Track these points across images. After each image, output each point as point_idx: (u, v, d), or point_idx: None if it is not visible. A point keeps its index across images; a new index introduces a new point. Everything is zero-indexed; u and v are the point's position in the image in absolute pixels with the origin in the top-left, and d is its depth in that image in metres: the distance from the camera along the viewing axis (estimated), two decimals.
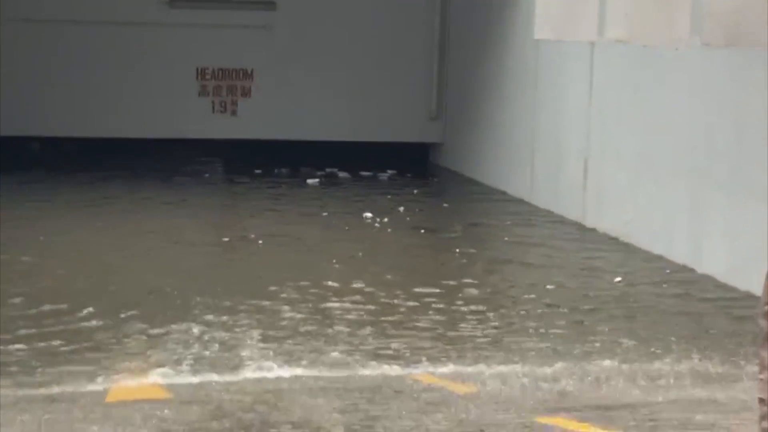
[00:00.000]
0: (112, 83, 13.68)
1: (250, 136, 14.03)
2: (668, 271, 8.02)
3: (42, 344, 5.79)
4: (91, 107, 13.65)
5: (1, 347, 5.68)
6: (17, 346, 5.72)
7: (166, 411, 4.66)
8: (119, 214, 10.08)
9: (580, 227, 9.88)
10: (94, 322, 6.22)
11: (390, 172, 13.02)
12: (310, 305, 6.77)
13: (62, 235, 9.04)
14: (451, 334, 6.21)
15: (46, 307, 6.58)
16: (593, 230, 9.63)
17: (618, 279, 7.77)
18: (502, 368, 5.50)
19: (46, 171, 12.38)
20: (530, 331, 6.34)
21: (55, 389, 5.03)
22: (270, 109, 14.07)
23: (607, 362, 5.70)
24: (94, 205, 10.44)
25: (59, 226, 9.43)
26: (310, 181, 12.29)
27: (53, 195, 10.92)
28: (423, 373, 5.41)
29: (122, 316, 6.37)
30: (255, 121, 14.05)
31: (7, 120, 13.30)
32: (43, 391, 5.02)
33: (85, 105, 13.64)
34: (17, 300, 6.67)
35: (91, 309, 6.46)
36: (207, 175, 12.78)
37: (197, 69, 13.98)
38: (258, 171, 12.77)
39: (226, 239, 8.99)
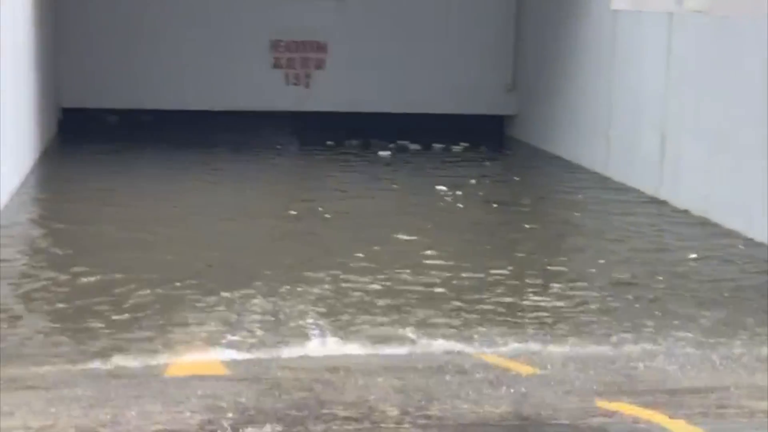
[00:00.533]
0: (186, 57, 13.71)
1: (323, 108, 13.98)
2: (743, 247, 7.78)
3: (102, 316, 5.77)
4: (167, 80, 13.70)
5: (59, 322, 5.68)
6: (76, 318, 5.72)
7: (222, 387, 4.61)
8: (190, 185, 10.12)
9: (656, 201, 9.67)
10: (154, 295, 6.19)
11: (463, 144, 12.88)
12: (375, 280, 6.68)
13: (133, 206, 9.08)
14: (516, 311, 6.08)
15: (108, 278, 6.60)
16: (669, 204, 9.41)
17: (693, 255, 7.56)
18: (567, 348, 5.37)
19: (123, 142, 12.47)
20: (598, 309, 6.18)
21: (114, 363, 5.00)
22: (343, 81, 13.99)
23: (677, 343, 5.52)
24: (165, 176, 10.48)
25: (132, 196, 9.49)
26: (381, 153, 12.21)
27: (128, 167, 11.00)
28: (485, 352, 5.29)
29: (183, 289, 6.34)
30: (328, 93, 13.97)
31: (86, 93, 13.43)
32: (100, 365, 4.99)
33: (160, 78, 13.69)
34: (80, 269, 6.69)
35: (152, 281, 6.45)
36: (279, 146, 12.75)
37: (271, 41, 13.94)
38: (330, 143, 12.73)
39: (294, 212, 8.93)
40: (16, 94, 9.46)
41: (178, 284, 6.42)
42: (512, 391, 4.60)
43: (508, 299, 6.34)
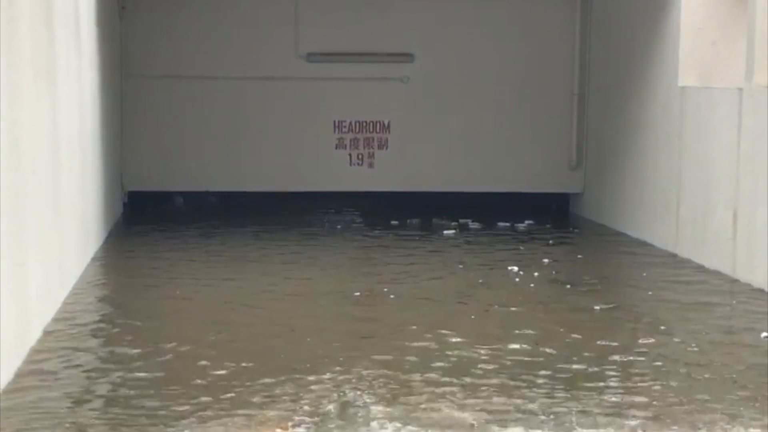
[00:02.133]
0: (251, 138, 13.80)
1: (387, 188, 13.96)
2: None
3: (162, 397, 5.67)
4: (231, 162, 13.79)
5: (127, 408, 5.60)
6: (132, 396, 5.63)
7: None
8: (253, 265, 10.09)
9: (729, 280, 9.45)
10: (215, 376, 6.08)
11: (528, 222, 12.76)
12: (444, 362, 6.53)
13: (196, 285, 9.06)
14: (591, 400, 5.88)
15: (169, 357, 6.53)
16: (744, 283, 9.19)
17: (765, 334, 7.34)
18: None
19: (189, 224, 12.52)
20: (668, 398, 5.95)
21: None
22: (407, 160, 13.98)
23: None
24: (229, 257, 10.46)
25: (196, 276, 9.47)
26: (446, 232, 12.15)
27: (194, 246, 11.02)
28: None
29: (245, 369, 6.23)
30: (391, 172, 13.96)
31: (151, 175, 13.54)
32: None
33: (225, 159, 13.78)
34: (138, 350, 6.63)
35: (214, 363, 6.35)
36: (339, 227, 12.73)
37: (334, 122, 13.98)
38: (394, 222, 12.69)
39: (357, 293, 8.83)
40: (81, 180, 9.52)
41: (246, 372, 6.30)
42: None
43: (583, 385, 6.15)
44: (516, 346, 6.94)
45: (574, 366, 6.48)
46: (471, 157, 14.02)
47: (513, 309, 8.24)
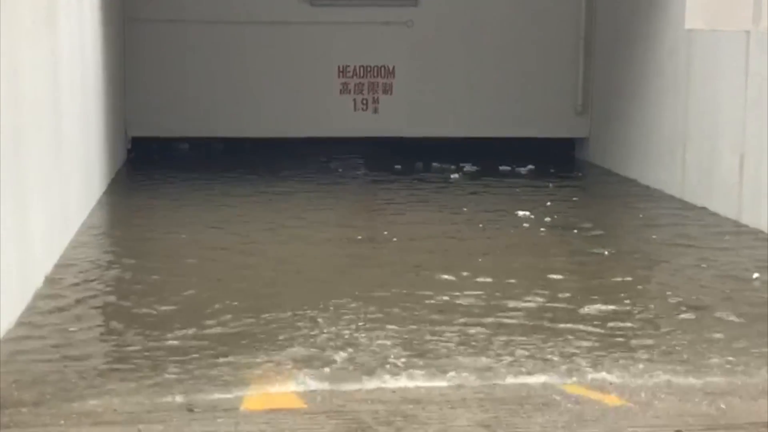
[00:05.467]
0: (254, 83, 13.70)
1: (392, 133, 13.89)
2: None
3: (176, 349, 5.66)
4: (236, 107, 13.70)
5: (134, 354, 5.59)
6: (151, 351, 5.62)
7: (299, 423, 4.48)
8: (256, 210, 10.07)
9: (735, 224, 9.41)
10: (227, 325, 6.07)
11: (530, 167, 12.72)
12: (452, 307, 6.52)
13: (201, 230, 9.06)
14: (602, 341, 5.87)
15: (175, 300, 6.52)
16: (749, 228, 9.15)
17: (756, 275, 7.32)
18: (657, 379, 5.16)
19: (194, 170, 12.50)
20: (684, 338, 5.95)
21: (190, 397, 4.88)
22: (411, 105, 13.89)
23: None
24: (233, 203, 10.43)
25: (201, 221, 9.45)
26: (453, 176, 12.16)
27: (198, 192, 11.00)
28: (572, 383, 5.10)
29: (256, 316, 6.22)
30: (396, 118, 13.89)
31: (157, 121, 13.47)
32: (178, 399, 4.86)
33: (229, 105, 13.69)
34: (152, 299, 6.61)
35: (223, 309, 6.35)
36: (340, 170, 12.72)
37: (338, 67, 13.88)
38: (398, 167, 12.67)
39: (360, 237, 8.81)
40: (84, 126, 9.47)
41: (251, 314, 6.29)
42: (603, 425, 4.41)
43: (591, 327, 6.13)
44: (526, 290, 6.93)
45: (584, 309, 6.47)
46: (476, 102, 13.92)
47: (518, 252, 8.22)
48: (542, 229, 9.20)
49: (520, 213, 9.75)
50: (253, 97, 13.72)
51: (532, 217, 9.63)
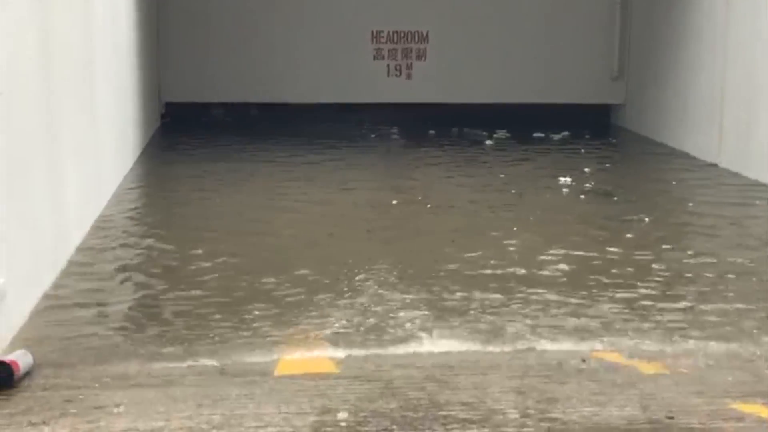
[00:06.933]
0: (289, 49, 13.67)
1: (425, 99, 13.83)
2: None
3: (209, 312, 5.66)
4: (269, 73, 13.68)
5: (168, 318, 5.59)
6: (185, 314, 5.62)
7: (332, 387, 4.47)
8: (290, 175, 10.06)
9: None
10: (261, 290, 6.07)
11: (564, 133, 12.63)
12: (486, 274, 6.48)
13: (236, 194, 9.05)
14: (637, 308, 5.82)
15: (208, 266, 6.52)
16: None
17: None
18: (693, 346, 5.11)
19: (228, 135, 12.51)
20: (722, 305, 5.89)
21: (223, 361, 4.88)
22: (445, 72, 13.81)
23: None
24: (268, 168, 10.42)
25: (236, 185, 9.45)
26: (487, 142, 12.09)
27: (233, 157, 11.00)
28: (607, 350, 5.06)
29: (290, 282, 6.21)
30: (429, 84, 13.82)
31: (191, 86, 13.47)
32: (212, 362, 4.86)
33: (263, 71, 13.68)
34: (186, 264, 6.61)
35: (258, 274, 6.34)
36: (373, 135, 12.69)
37: (372, 32, 13.82)
38: (431, 132, 12.62)
39: (395, 201, 8.78)
40: (118, 90, 9.47)
41: (285, 278, 6.29)
42: (638, 392, 4.37)
43: (626, 294, 6.08)
44: (563, 257, 6.88)
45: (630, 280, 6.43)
46: (510, 68, 13.83)
47: (556, 220, 8.17)
48: (581, 195, 9.14)
49: (561, 180, 9.68)
50: (287, 63, 13.68)
51: (573, 183, 9.57)
